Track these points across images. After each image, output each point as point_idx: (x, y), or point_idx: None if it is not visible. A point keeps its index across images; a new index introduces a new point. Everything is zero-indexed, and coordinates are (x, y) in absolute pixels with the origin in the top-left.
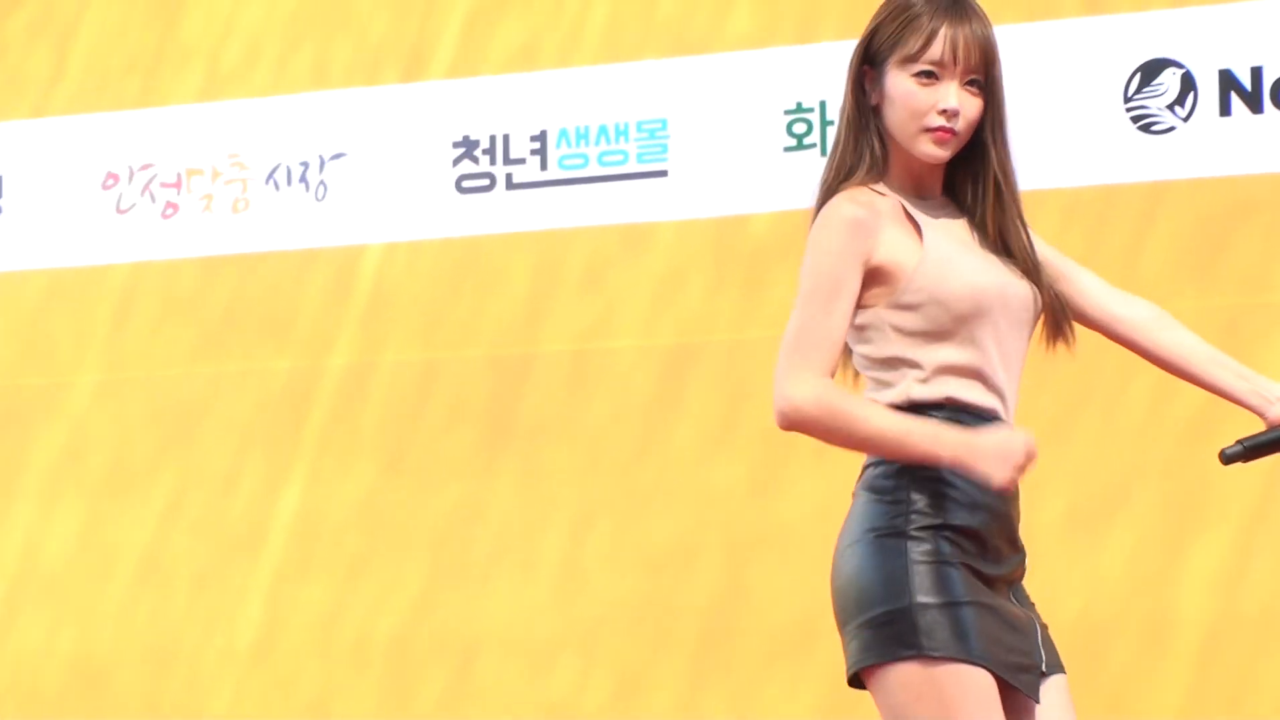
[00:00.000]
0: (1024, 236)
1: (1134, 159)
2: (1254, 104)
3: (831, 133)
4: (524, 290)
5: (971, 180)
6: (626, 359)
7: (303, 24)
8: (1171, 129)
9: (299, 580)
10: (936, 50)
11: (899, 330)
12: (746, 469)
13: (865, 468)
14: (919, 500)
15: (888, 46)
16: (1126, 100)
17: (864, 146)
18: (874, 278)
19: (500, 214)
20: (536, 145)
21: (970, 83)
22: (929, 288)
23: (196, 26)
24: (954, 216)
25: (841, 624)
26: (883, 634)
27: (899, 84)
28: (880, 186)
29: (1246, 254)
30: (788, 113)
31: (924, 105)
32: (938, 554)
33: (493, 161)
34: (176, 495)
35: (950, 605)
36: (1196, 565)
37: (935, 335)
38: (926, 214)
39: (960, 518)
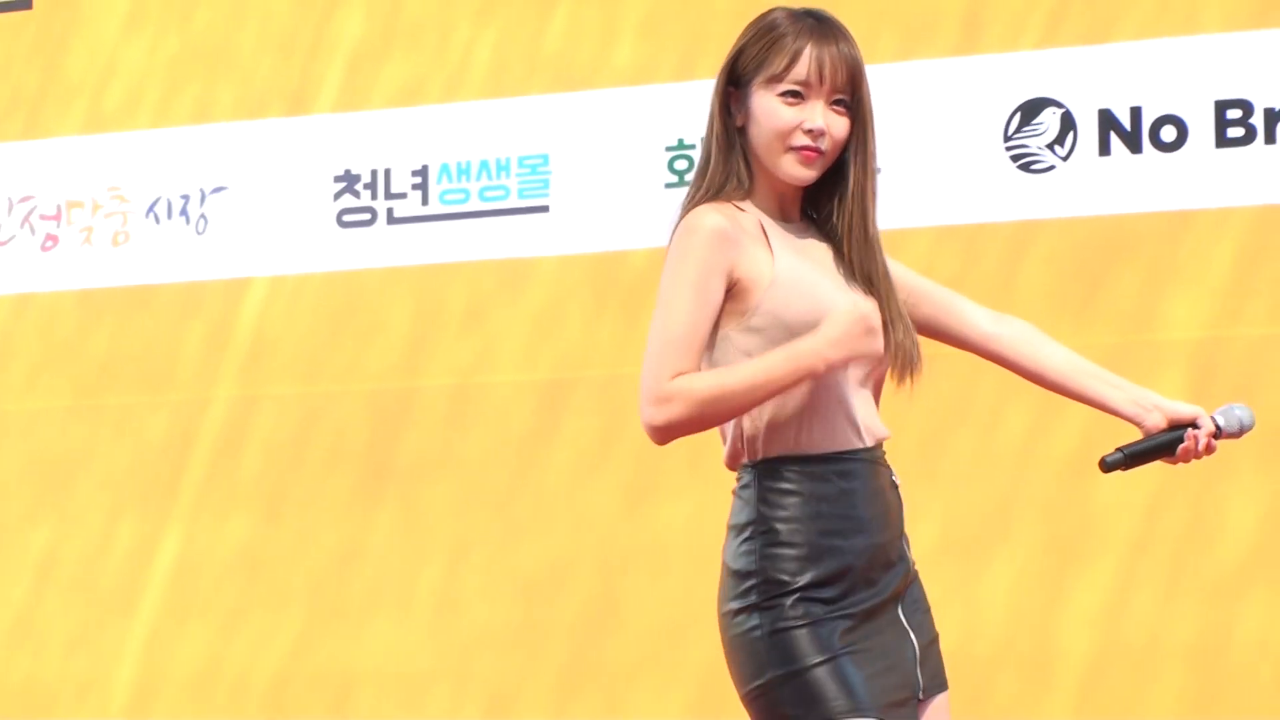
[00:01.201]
0: (878, 263)
1: (1014, 197)
2: (1133, 144)
3: None
4: (405, 326)
5: (834, 202)
6: (505, 393)
7: (187, 58)
8: (1051, 168)
9: (176, 632)
10: (802, 70)
11: (746, 355)
12: (619, 493)
13: (728, 528)
14: (768, 565)
15: (753, 67)
16: (1006, 139)
17: (731, 166)
18: (731, 294)
19: (381, 249)
20: (418, 180)
21: (836, 103)
22: (775, 310)
23: (80, 61)
24: (817, 240)
25: (737, 689)
26: (758, 707)
27: (764, 103)
28: (744, 204)
29: (1125, 292)
30: (669, 149)
31: (789, 124)
32: (804, 615)
33: (374, 196)
34: (51, 548)
35: (805, 671)
36: (1078, 597)
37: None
38: (790, 236)
39: (816, 573)
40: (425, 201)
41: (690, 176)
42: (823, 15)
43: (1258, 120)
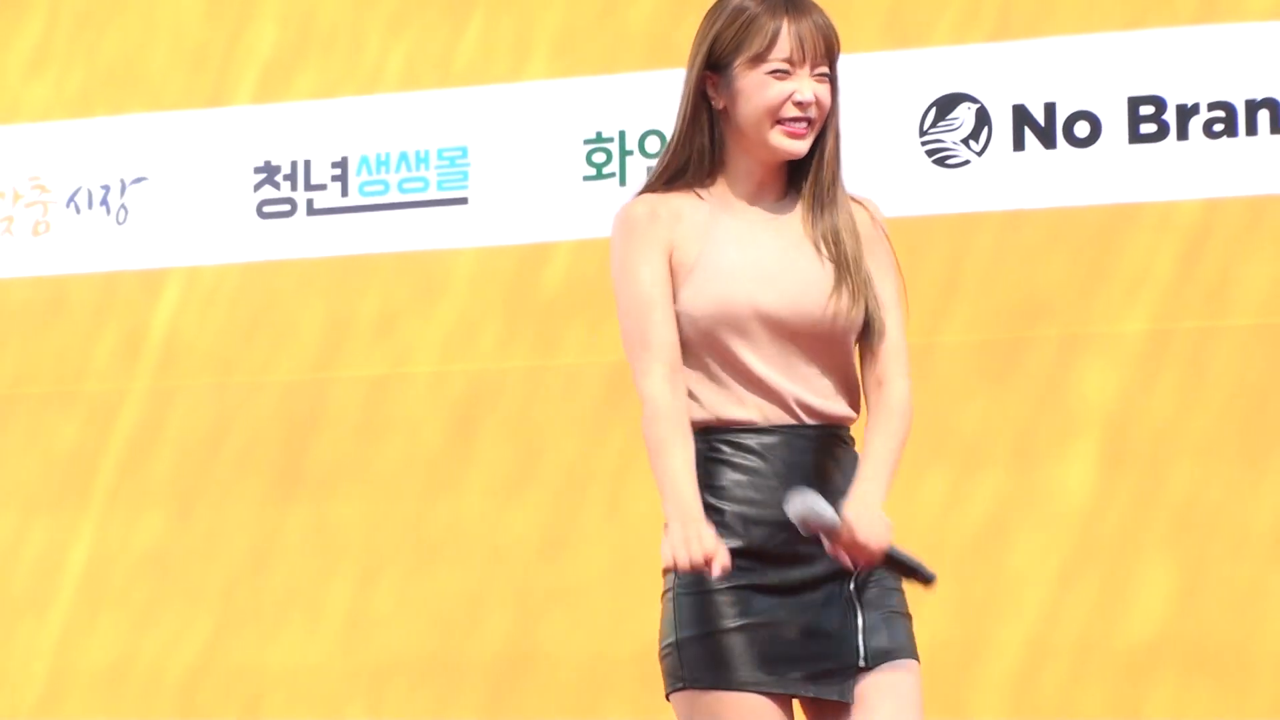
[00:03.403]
0: (845, 221)
1: (929, 192)
2: (1047, 139)
3: (631, 162)
4: (322, 319)
5: (809, 167)
6: (422, 390)
7: (107, 48)
8: (966, 163)
9: (88, 630)
10: (784, 47)
11: (684, 333)
12: (538, 522)
13: None
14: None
15: (730, 50)
16: (922, 134)
17: (695, 149)
18: (671, 271)
19: (300, 239)
20: (338, 171)
21: (819, 75)
22: (685, 300)
23: (1, 53)
24: (792, 212)
25: None
26: (665, 667)
27: (751, 81)
28: (703, 190)
29: (1041, 286)
30: (588, 142)
31: (779, 98)
32: (701, 584)
33: (294, 187)
34: None
35: (711, 635)
36: (990, 663)
37: (694, 344)
38: (754, 216)
39: (731, 542)
40: (345, 193)
41: (609, 169)
42: None
43: (1170, 116)
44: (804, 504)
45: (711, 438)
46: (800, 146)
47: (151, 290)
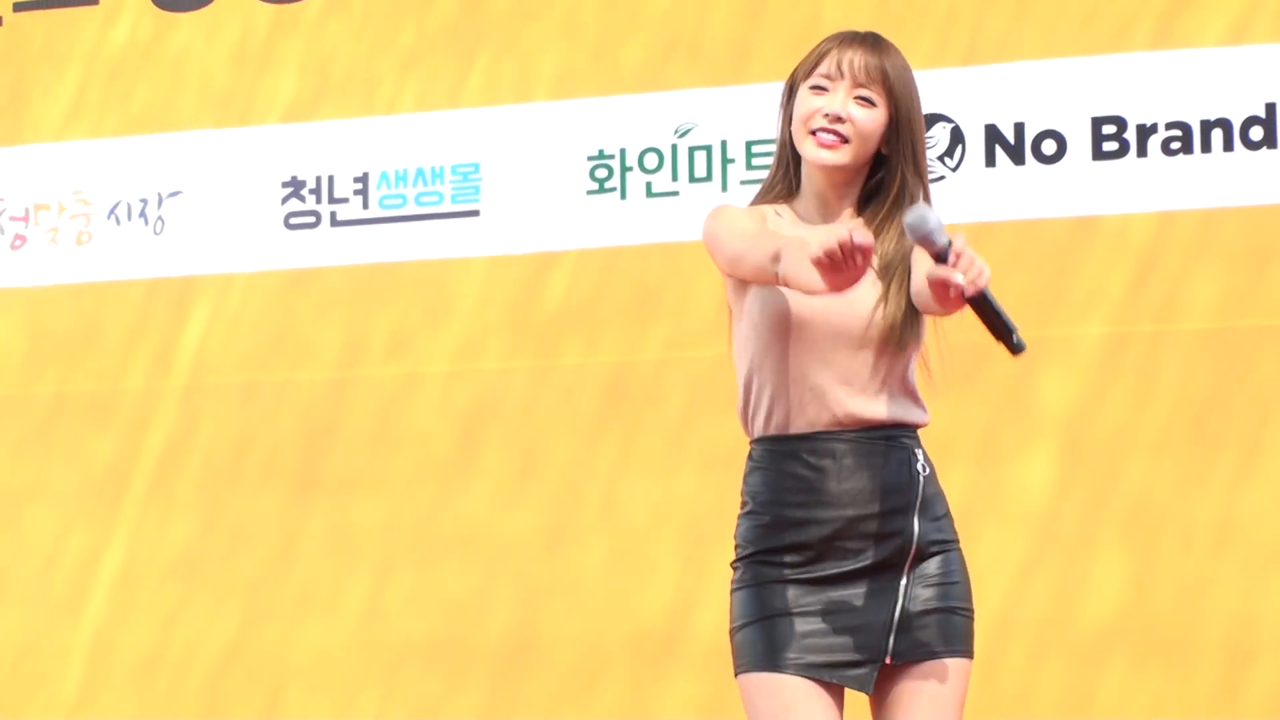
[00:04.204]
0: (900, 255)
1: None
2: (1017, 156)
3: (630, 178)
4: (342, 321)
5: (876, 194)
6: (433, 395)
7: (146, 71)
8: (942, 178)
9: (121, 628)
10: (825, 66)
11: (750, 325)
12: (539, 519)
13: None
14: (740, 535)
15: (799, 75)
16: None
17: (780, 172)
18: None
19: (325, 249)
20: (359, 186)
21: (861, 98)
22: (749, 306)
23: (44, 73)
24: None
25: None
26: (731, 654)
27: (799, 97)
28: (781, 208)
29: (1009, 292)
30: (590, 159)
31: (810, 110)
32: (750, 578)
33: (319, 201)
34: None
35: (752, 624)
36: None
37: (757, 355)
38: (824, 230)
39: (773, 541)
40: (366, 206)
41: (610, 184)
42: (871, 32)
43: (1130, 135)
44: (920, 212)
45: (763, 446)
46: (828, 156)
47: (185, 296)
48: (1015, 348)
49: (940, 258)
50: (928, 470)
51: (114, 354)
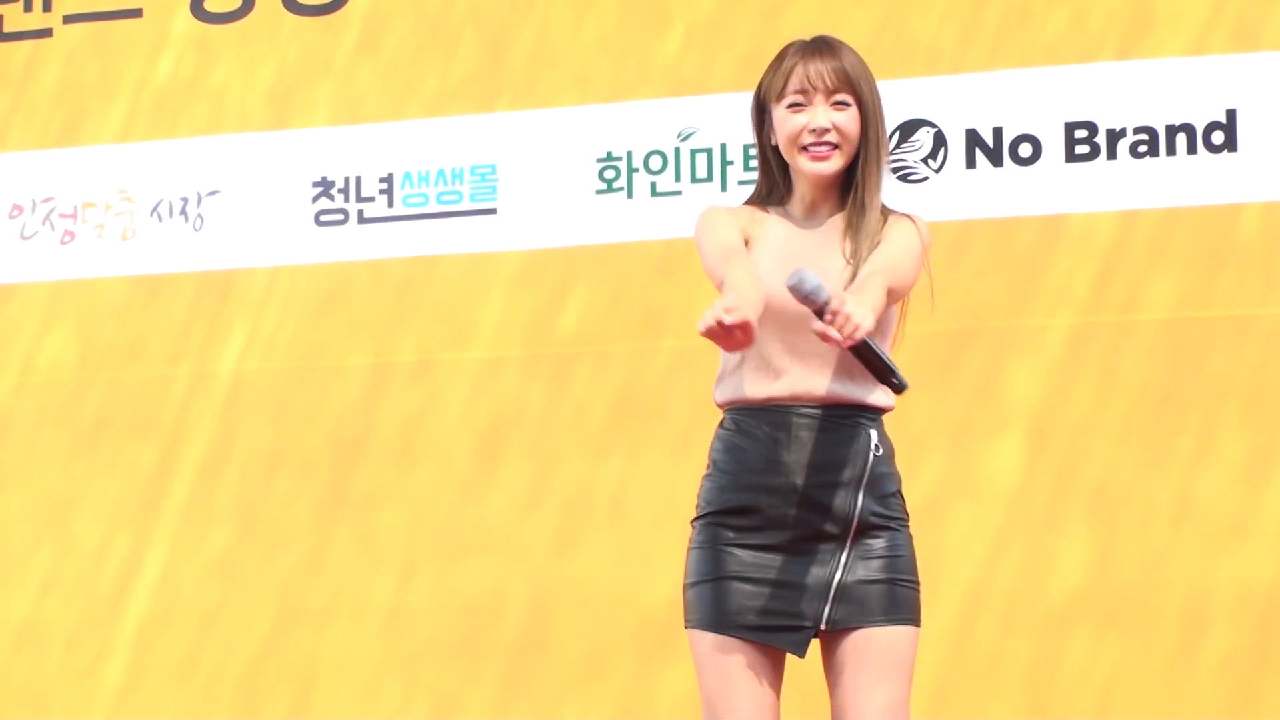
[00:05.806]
0: (868, 241)
1: (893, 204)
2: (995, 159)
3: (637, 179)
4: (373, 312)
5: (850, 191)
6: (474, 368)
7: (184, 76)
8: (925, 179)
9: (160, 632)
10: (795, 82)
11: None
12: (551, 526)
13: None
14: (700, 495)
15: (769, 96)
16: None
17: (768, 179)
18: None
19: (352, 244)
20: (385, 186)
21: (838, 103)
22: None
23: (93, 82)
24: (833, 229)
25: None
26: (683, 607)
27: (779, 117)
28: (772, 208)
29: (986, 286)
30: (599, 160)
31: (795, 129)
32: (706, 539)
33: (347, 199)
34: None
35: (701, 583)
36: (928, 621)
37: None
38: (802, 232)
39: (727, 501)
40: (391, 204)
41: (618, 184)
42: (820, 38)
43: (1101, 139)
44: (799, 275)
45: (729, 414)
46: (824, 167)
47: (223, 288)
48: (897, 388)
49: (820, 314)
50: (880, 451)
51: (157, 362)
